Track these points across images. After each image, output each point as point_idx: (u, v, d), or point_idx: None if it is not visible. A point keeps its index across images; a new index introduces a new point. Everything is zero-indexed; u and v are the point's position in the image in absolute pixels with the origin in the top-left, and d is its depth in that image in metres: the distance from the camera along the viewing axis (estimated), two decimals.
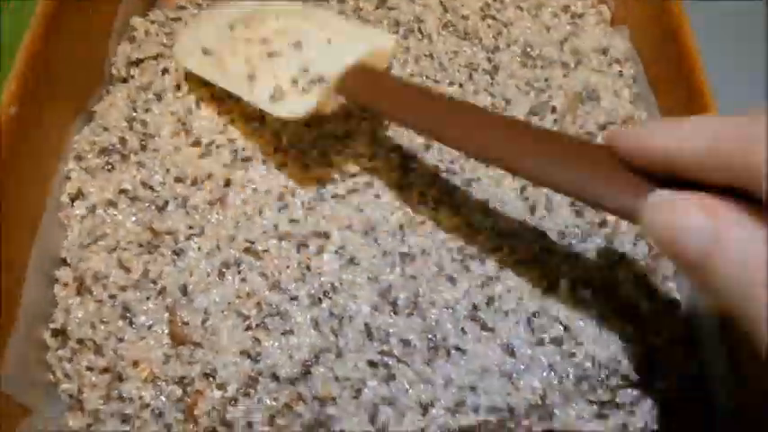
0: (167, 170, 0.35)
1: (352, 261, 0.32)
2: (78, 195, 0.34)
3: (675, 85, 0.36)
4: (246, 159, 0.35)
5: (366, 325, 0.30)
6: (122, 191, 0.34)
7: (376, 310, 0.31)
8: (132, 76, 0.38)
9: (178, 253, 0.33)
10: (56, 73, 0.34)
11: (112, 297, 0.31)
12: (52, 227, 0.33)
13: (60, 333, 0.31)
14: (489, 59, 0.39)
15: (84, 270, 0.32)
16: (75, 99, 0.36)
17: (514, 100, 0.37)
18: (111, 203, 0.34)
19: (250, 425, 0.29)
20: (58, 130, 0.35)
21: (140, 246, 0.33)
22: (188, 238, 0.33)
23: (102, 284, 0.32)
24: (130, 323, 0.31)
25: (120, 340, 0.30)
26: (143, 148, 0.35)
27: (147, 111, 0.36)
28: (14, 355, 0.29)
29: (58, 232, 0.33)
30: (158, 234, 0.33)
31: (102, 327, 0.31)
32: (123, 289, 0.32)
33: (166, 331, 0.30)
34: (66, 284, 0.32)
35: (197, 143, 0.35)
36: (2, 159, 0.30)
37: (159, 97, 0.37)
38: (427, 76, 0.38)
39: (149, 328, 0.31)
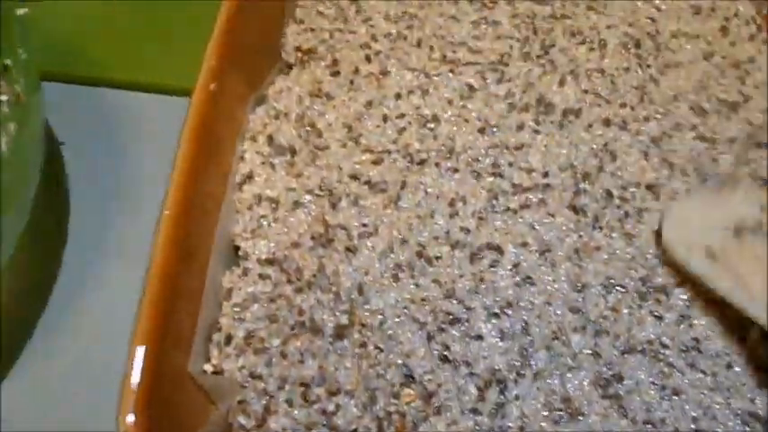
0: (340, 168, 0.34)
1: (527, 280, 0.32)
2: (249, 178, 0.34)
3: None
4: (421, 162, 0.35)
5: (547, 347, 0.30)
6: (293, 186, 0.34)
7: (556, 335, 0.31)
8: (305, 62, 0.37)
9: (352, 250, 0.32)
10: (239, 52, 0.33)
11: (282, 296, 0.31)
12: (228, 210, 0.33)
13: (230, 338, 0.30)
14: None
15: (254, 259, 0.32)
16: (252, 78, 0.35)
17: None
18: (282, 193, 0.34)
19: None
20: (237, 110, 0.34)
21: (313, 238, 0.33)
22: (361, 236, 0.33)
23: (272, 277, 0.32)
24: (312, 329, 0.30)
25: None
26: (314, 149, 0.35)
27: (318, 113, 0.36)
28: (198, 347, 0.29)
29: (233, 216, 0.33)
30: (331, 227, 0.33)
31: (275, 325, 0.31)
32: (297, 285, 0.32)
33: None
34: (238, 273, 0.32)
35: (369, 150, 0.35)
36: (199, 139, 0.30)
37: (329, 96, 0.36)
38: (598, 94, 0.37)
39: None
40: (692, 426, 0.29)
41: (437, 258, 0.33)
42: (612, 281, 0.32)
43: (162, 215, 0.28)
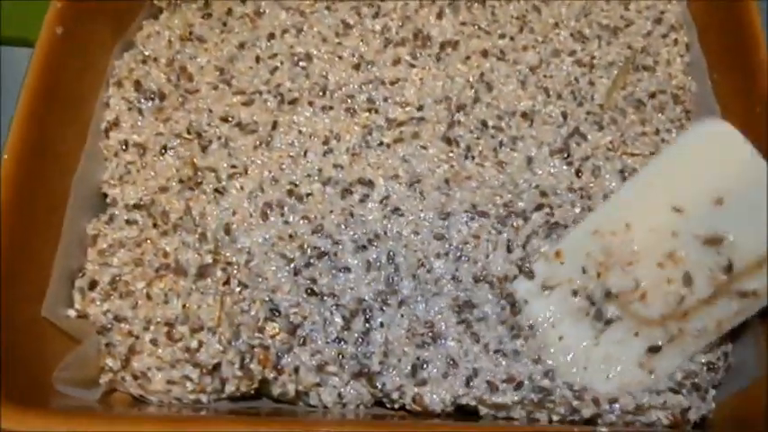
0: (210, 111, 0.34)
1: (396, 211, 0.32)
2: (115, 125, 0.34)
3: (731, 57, 0.35)
4: (293, 102, 0.34)
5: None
6: (161, 131, 0.33)
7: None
8: (177, 4, 0.36)
9: (221, 192, 0.32)
10: None
11: (148, 240, 0.31)
12: (93, 157, 0.32)
13: (94, 284, 0.30)
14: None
15: (122, 205, 0.32)
16: (117, 24, 0.35)
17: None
18: (150, 139, 0.33)
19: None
20: (99, 56, 0.33)
21: (181, 182, 0.33)
22: (231, 177, 0.33)
23: (139, 222, 0.32)
24: (176, 270, 0.30)
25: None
26: (184, 93, 0.34)
27: (188, 56, 0.35)
28: (55, 289, 0.29)
29: (99, 164, 0.33)
30: (200, 170, 0.33)
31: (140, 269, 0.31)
32: (163, 228, 0.32)
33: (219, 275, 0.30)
34: (104, 219, 0.32)
35: (240, 92, 0.34)
36: (45, 84, 0.29)
37: (201, 40, 0.36)
38: (477, 25, 0.37)
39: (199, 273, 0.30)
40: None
41: (308, 196, 0.32)
42: (477, 207, 0.32)
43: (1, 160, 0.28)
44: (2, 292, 0.26)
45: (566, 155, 0.33)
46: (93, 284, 0.30)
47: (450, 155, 0.33)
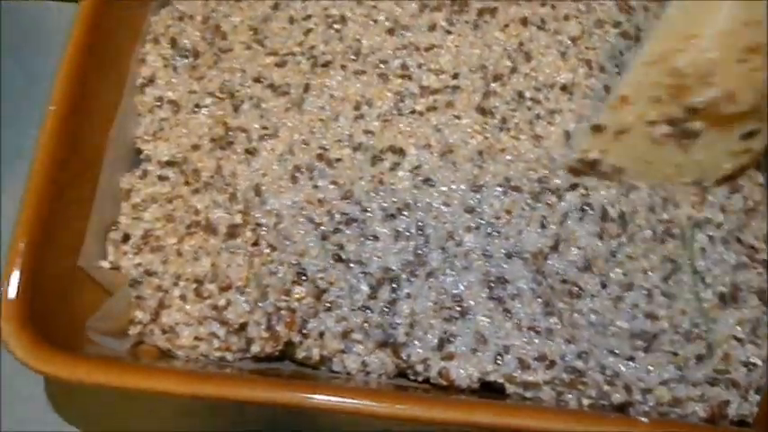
0: (243, 71, 0.34)
1: (427, 181, 0.32)
2: (151, 81, 0.34)
3: None
4: (326, 65, 0.34)
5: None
6: (194, 89, 0.33)
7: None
8: None
9: (252, 152, 0.32)
10: None
11: (179, 197, 0.31)
12: (128, 113, 0.32)
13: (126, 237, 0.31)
14: None
15: (155, 161, 0.32)
16: None
17: None
18: (183, 96, 0.33)
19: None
20: (137, 11, 0.33)
21: (213, 140, 0.33)
22: (261, 138, 0.32)
23: (171, 178, 0.32)
24: (206, 228, 0.31)
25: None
26: (218, 52, 0.34)
27: (222, 14, 0.35)
28: (90, 241, 0.29)
29: (133, 119, 0.33)
30: (231, 130, 0.33)
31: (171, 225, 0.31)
32: (194, 185, 0.32)
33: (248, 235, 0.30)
34: (138, 174, 0.32)
35: (273, 53, 0.34)
36: (89, 39, 0.29)
37: None
38: None
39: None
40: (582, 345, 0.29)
41: (338, 161, 0.32)
42: (511, 182, 0.31)
43: (48, 112, 0.28)
44: (42, 240, 0.26)
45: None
46: (125, 238, 0.31)
47: (485, 126, 0.33)
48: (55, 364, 0.25)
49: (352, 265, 0.30)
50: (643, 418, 0.26)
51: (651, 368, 0.29)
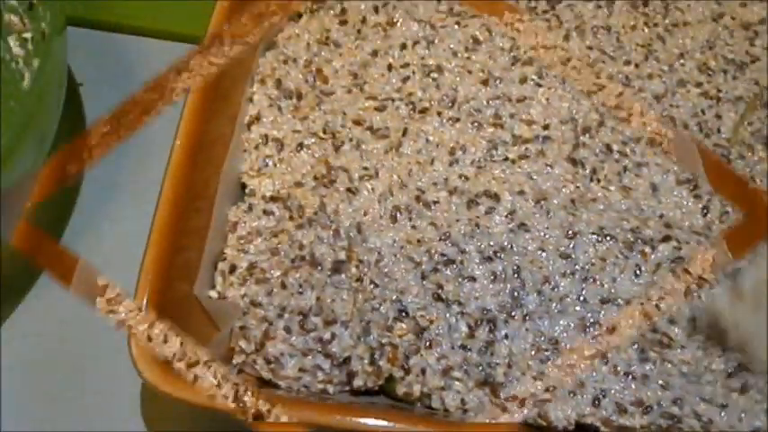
0: (344, 114, 0.35)
1: (522, 226, 0.33)
2: (257, 119, 0.35)
3: None
4: (423, 111, 0.36)
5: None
6: (298, 128, 0.35)
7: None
8: (314, 11, 0.38)
9: (353, 192, 0.34)
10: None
11: (284, 231, 0.33)
12: (236, 149, 0.34)
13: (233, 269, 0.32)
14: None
15: (260, 196, 0.34)
16: (261, 24, 0.36)
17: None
18: (288, 135, 0.35)
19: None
20: (247, 53, 0.35)
21: (315, 178, 0.34)
22: (362, 178, 0.34)
23: (276, 213, 0.33)
24: (311, 263, 0.32)
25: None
26: (320, 95, 0.36)
27: (324, 59, 0.37)
28: (202, 271, 0.30)
29: (240, 155, 0.34)
30: (333, 169, 0.34)
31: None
32: (298, 221, 0.33)
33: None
34: (244, 208, 0.34)
35: (373, 97, 0.36)
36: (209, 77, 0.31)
37: (336, 44, 0.37)
38: (602, 51, 0.38)
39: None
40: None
41: (435, 203, 0.34)
42: (604, 230, 0.33)
43: (172, 149, 0.30)
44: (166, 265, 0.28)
45: (692, 186, 0.34)
46: (232, 269, 0.32)
47: (576, 175, 0.34)
48: (167, 383, 0.27)
49: (451, 304, 0.31)
50: None
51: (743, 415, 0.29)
